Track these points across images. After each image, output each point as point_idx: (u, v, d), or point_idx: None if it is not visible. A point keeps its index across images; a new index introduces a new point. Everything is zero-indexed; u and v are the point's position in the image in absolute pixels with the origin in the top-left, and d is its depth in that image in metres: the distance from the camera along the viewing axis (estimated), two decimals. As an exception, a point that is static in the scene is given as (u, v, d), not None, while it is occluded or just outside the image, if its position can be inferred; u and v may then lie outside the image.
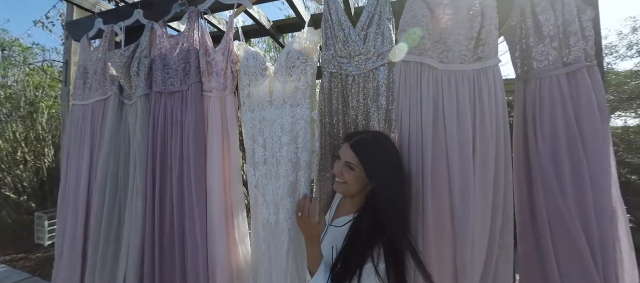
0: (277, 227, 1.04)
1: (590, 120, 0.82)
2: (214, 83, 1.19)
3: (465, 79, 0.88)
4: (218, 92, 1.19)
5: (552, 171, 0.83)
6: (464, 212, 0.79)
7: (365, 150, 0.80)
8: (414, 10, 0.94)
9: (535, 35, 0.90)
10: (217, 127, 1.16)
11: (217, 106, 1.18)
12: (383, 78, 1.01)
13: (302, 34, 1.08)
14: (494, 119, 0.83)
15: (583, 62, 0.85)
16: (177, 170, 1.17)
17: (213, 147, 1.15)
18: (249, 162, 1.15)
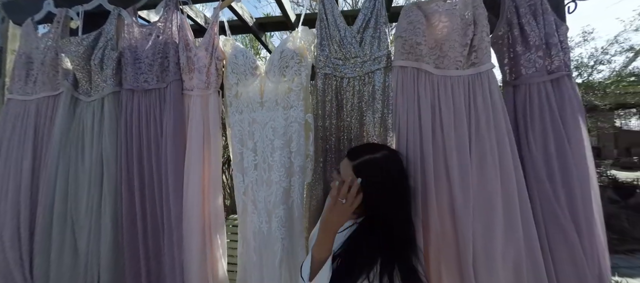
0: (270, 236, 0.97)
1: (573, 122, 0.89)
2: (196, 81, 1.07)
3: (460, 84, 0.90)
4: (200, 91, 1.08)
5: (544, 171, 0.88)
6: (465, 215, 0.80)
7: (365, 174, 0.72)
8: (410, 17, 0.93)
9: (522, 45, 0.95)
10: (198, 130, 1.05)
11: (198, 106, 1.07)
12: (379, 82, 0.99)
13: (297, 33, 1.02)
14: (491, 123, 0.86)
15: (564, 70, 0.92)
16: (156, 177, 1.03)
17: (192, 152, 1.03)
18: (237, 167, 1.05)
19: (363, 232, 0.73)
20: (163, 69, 1.12)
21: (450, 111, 0.88)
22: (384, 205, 0.72)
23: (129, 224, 1.04)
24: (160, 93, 1.11)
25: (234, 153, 1.07)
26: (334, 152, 1.08)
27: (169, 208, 1.00)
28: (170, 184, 0.99)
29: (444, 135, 0.86)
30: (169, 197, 1.00)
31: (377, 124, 0.99)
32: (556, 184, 0.87)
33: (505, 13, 0.98)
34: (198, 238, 0.99)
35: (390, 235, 0.69)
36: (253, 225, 1.01)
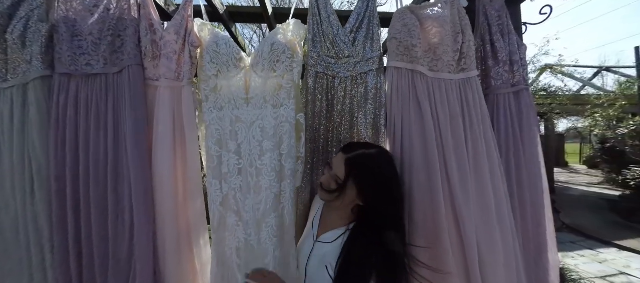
0: (260, 249, 0.87)
1: (528, 129, 1.04)
2: (163, 69, 0.90)
3: (453, 87, 0.96)
4: (169, 82, 0.90)
5: (504, 169, 1.00)
6: (467, 213, 0.84)
7: (360, 170, 0.73)
8: (405, 20, 0.96)
9: (492, 59, 1.07)
10: (166, 128, 0.88)
11: (167, 100, 0.89)
12: (372, 83, 0.99)
13: (288, 26, 0.95)
14: (481, 125, 0.93)
15: (523, 84, 1.07)
16: (111, 187, 0.82)
17: (161, 154, 0.86)
18: (212, 173, 0.91)
19: (355, 242, 0.71)
20: (114, 49, 0.89)
21: (446, 112, 0.93)
22: (375, 199, 0.72)
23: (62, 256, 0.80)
24: (109, 80, 0.88)
25: (208, 156, 0.93)
26: (322, 153, 1.04)
27: (130, 223, 0.80)
28: (135, 193, 0.80)
29: (442, 136, 0.90)
30: (130, 209, 0.80)
31: (369, 125, 0.98)
32: (512, 181, 1.00)
33: (479, 30, 1.09)
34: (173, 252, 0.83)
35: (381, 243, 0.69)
36: (237, 240, 0.89)
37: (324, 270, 0.73)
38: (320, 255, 0.77)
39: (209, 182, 0.92)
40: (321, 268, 0.74)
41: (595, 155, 7.92)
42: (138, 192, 0.81)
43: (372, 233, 0.70)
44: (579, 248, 3.58)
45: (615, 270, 2.95)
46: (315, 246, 0.80)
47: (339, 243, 0.75)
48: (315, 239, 0.82)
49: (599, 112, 5.27)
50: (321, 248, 0.78)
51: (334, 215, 0.82)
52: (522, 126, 1.05)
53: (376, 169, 0.75)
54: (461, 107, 0.96)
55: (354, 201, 0.76)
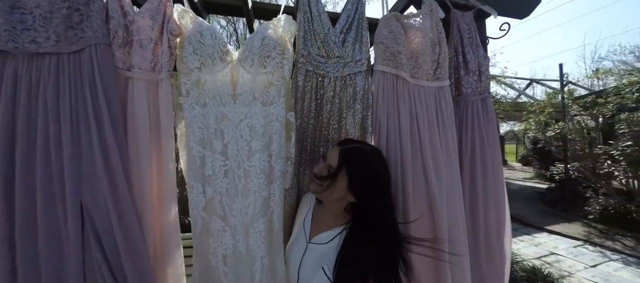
0: (248, 256, 0.83)
1: (492, 131, 1.17)
2: (137, 59, 0.79)
3: (431, 94, 1.03)
4: (143, 73, 0.80)
5: (471, 169, 1.11)
6: (441, 205, 0.92)
7: (354, 161, 0.75)
8: (391, 27, 1.00)
9: (464, 69, 1.18)
10: (145, 126, 0.78)
11: (142, 93, 0.79)
12: (360, 85, 1.01)
13: (278, 21, 0.91)
14: (450, 129, 1.02)
15: (487, 92, 1.19)
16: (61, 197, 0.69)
17: (140, 156, 0.76)
18: (193, 175, 0.84)
19: (352, 243, 0.72)
20: (71, 25, 0.75)
21: (425, 117, 1.00)
22: (365, 193, 0.74)
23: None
24: (62, 60, 0.74)
25: (189, 157, 0.85)
26: (309, 152, 1.03)
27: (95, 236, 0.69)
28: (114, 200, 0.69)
29: (421, 137, 0.97)
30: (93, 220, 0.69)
31: (357, 125, 1.00)
32: (477, 178, 1.13)
33: (452, 41, 1.19)
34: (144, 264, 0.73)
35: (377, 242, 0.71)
36: (223, 247, 0.83)
37: (320, 272, 0.72)
38: (314, 256, 0.76)
39: (189, 185, 0.84)
40: (317, 269, 0.73)
41: (528, 154, 9.29)
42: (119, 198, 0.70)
43: (367, 233, 0.72)
44: (519, 235, 4.16)
45: (546, 251, 3.50)
46: (309, 248, 0.79)
47: (335, 244, 0.75)
48: (308, 241, 0.80)
49: (532, 117, 6.16)
50: (315, 249, 0.77)
51: (327, 215, 0.81)
52: (488, 128, 1.18)
53: (367, 163, 0.76)
54: (436, 112, 1.04)
55: (345, 196, 0.76)
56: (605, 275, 2.87)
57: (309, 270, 0.76)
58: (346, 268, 0.69)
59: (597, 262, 3.16)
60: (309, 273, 0.75)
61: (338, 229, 0.77)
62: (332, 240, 0.76)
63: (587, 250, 3.51)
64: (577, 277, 2.77)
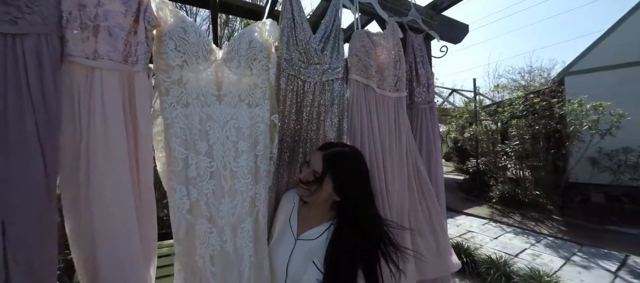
0: (236, 256, 0.84)
1: (436, 132, 1.43)
2: (105, 47, 0.71)
3: (391, 102, 1.21)
4: (115, 65, 0.72)
5: (421, 165, 1.35)
6: (393, 193, 1.10)
7: (336, 164, 0.80)
8: (363, 42, 1.13)
9: (416, 82, 1.41)
10: (119, 123, 0.71)
11: (115, 87, 0.71)
12: (337, 91, 1.11)
13: (264, 25, 0.94)
14: (405, 132, 1.22)
15: (433, 102, 1.46)
16: None
17: (115, 157, 0.69)
18: (175, 178, 0.80)
19: (340, 237, 0.79)
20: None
21: (386, 121, 1.17)
22: (350, 191, 0.81)
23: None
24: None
25: (171, 159, 0.80)
26: (289, 153, 1.08)
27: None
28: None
29: (382, 139, 1.13)
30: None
31: (334, 127, 1.10)
32: (428, 168, 1.38)
33: (408, 58, 1.41)
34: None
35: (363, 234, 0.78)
36: (210, 248, 0.81)
37: (311, 265, 0.78)
38: (303, 252, 0.81)
39: (170, 187, 0.80)
40: (307, 264, 0.79)
41: (450, 151, 11.10)
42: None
43: (354, 226, 0.79)
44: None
45: (464, 230, 4.32)
46: (297, 244, 0.84)
47: (324, 239, 0.81)
48: (296, 238, 0.85)
49: (454, 121, 7.43)
50: (304, 245, 0.83)
51: (314, 212, 0.87)
52: (433, 129, 1.44)
53: (349, 164, 0.83)
54: (395, 119, 1.23)
55: (331, 196, 0.82)
56: (504, 244, 3.73)
57: (298, 266, 0.80)
58: (337, 260, 0.76)
59: (498, 234, 4.07)
60: (299, 269, 0.80)
61: (326, 225, 0.84)
62: (321, 236, 0.82)
63: (491, 226, 4.48)
64: (486, 248, 3.53)
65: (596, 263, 3.11)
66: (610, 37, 5.51)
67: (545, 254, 3.38)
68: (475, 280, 2.78)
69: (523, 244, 3.70)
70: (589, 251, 3.46)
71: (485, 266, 2.79)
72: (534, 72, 9.92)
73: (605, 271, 2.94)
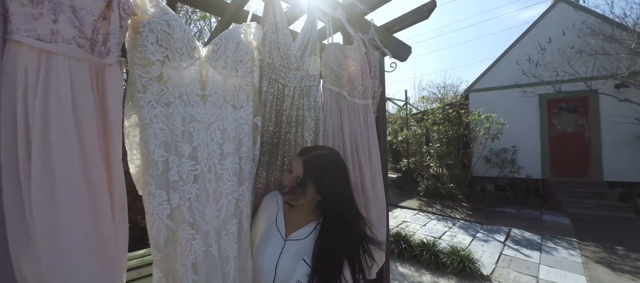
0: (221, 258, 0.82)
1: (378, 135, 1.67)
2: (68, 30, 0.60)
3: (360, 109, 1.36)
4: (83, 53, 0.63)
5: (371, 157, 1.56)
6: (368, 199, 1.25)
7: (316, 168, 0.85)
8: (335, 54, 1.25)
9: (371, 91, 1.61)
10: (92, 119, 0.62)
11: (85, 78, 0.62)
12: (313, 96, 1.19)
13: (249, 27, 0.94)
14: (374, 135, 1.39)
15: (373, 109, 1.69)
16: None
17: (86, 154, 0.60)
18: (154, 182, 0.74)
19: (327, 234, 0.84)
20: None
21: (356, 125, 1.31)
22: (332, 191, 0.85)
23: None
24: None
25: (149, 162, 0.72)
26: (267, 154, 1.10)
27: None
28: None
29: (355, 141, 1.27)
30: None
31: (311, 130, 1.18)
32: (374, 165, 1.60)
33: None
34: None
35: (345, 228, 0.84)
36: (193, 256, 0.76)
37: (301, 263, 0.82)
38: (293, 251, 0.85)
39: (149, 192, 0.73)
40: (297, 262, 0.82)
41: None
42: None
43: (339, 222, 0.84)
44: (384, 213, 5.63)
45: (401, 221, 4.97)
46: (286, 245, 0.87)
47: (312, 237, 0.85)
48: (285, 239, 0.88)
49: (390, 126, 8.44)
50: (293, 245, 0.86)
51: (300, 213, 0.91)
52: (377, 133, 1.67)
53: (328, 166, 0.87)
54: (363, 123, 1.39)
55: (315, 197, 0.86)
56: (430, 229, 4.47)
57: (288, 265, 0.83)
58: (325, 255, 0.81)
59: (426, 222, 4.84)
60: (289, 267, 0.82)
61: (313, 224, 0.88)
62: (309, 235, 0.86)
63: (420, 215, 5.29)
64: (418, 234, 4.16)
65: (492, 237, 4.07)
66: (496, 65, 7.27)
67: (459, 234, 4.21)
68: (412, 262, 3.25)
69: (444, 228, 4.51)
70: (487, 228, 4.48)
71: (419, 249, 3.30)
72: (448, 87, 12.19)
73: (498, 242, 3.88)
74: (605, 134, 5.89)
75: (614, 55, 5.25)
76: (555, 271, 3.03)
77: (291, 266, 0.83)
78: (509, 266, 3.17)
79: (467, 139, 6.74)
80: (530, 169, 6.40)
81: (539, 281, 2.84)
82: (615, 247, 3.63)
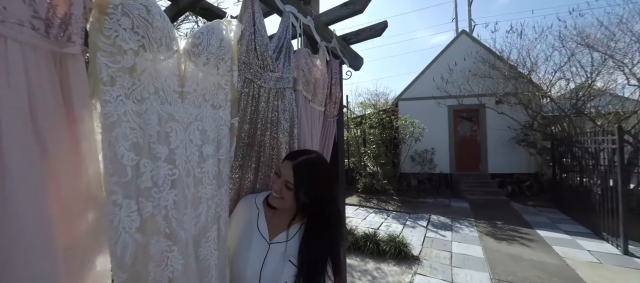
0: (199, 268, 0.77)
1: (336, 140, 1.82)
2: (23, 9, 0.48)
3: (320, 115, 1.46)
4: (42, 39, 0.50)
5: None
6: None
7: (307, 172, 0.86)
8: (306, 60, 1.30)
9: (329, 98, 1.73)
10: (48, 114, 0.50)
11: (43, 70, 0.49)
12: (288, 98, 1.21)
13: (229, 24, 0.90)
14: (331, 141, 1.50)
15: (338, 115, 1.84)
16: None
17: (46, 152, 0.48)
18: (120, 190, 0.63)
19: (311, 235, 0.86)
20: None
21: (317, 130, 1.40)
22: (320, 194, 0.88)
23: None
24: None
25: (115, 166, 0.61)
26: (240, 156, 1.07)
27: None
28: None
29: (314, 146, 1.36)
30: None
31: (287, 132, 1.19)
32: None
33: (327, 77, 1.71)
34: None
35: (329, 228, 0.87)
36: (169, 270, 0.68)
37: (288, 264, 0.82)
38: (278, 253, 0.85)
39: (113, 203, 0.62)
40: (282, 263, 0.83)
41: (328, 153, 13.17)
42: None
43: (322, 223, 0.87)
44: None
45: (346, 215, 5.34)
46: (271, 248, 0.86)
47: (297, 239, 0.87)
48: (269, 242, 0.88)
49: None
50: (278, 248, 0.86)
51: (284, 217, 0.91)
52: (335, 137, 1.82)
53: (318, 171, 0.89)
54: (322, 128, 1.50)
55: (302, 200, 0.85)
56: (370, 221, 4.98)
57: (274, 267, 0.83)
58: (311, 255, 0.83)
59: (365, 216, 5.36)
60: (274, 270, 0.82)
61: (297, 226, 0.89)
62: (294, 237, 0.88)
63: (361, 210, 5.81)
64: (359, 227, 4.56)
65: (417, 223, 4.83)
66: (418, 80, 8.66)
67: (393, 224, 4.83)
68: (358, 253, 3.57)
69: (380, 220, 5.09)
70: (413, 216, 5.29)
71: (363, 240, 3.64)
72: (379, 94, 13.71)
73: (422, 227, 4.64)
74: (489, 138, 7.79)
75: (495, 79, 7.00)
76: (462, 245, 3.86)
77: (277, 268, 0.83)
78: (431, 245, 3.85)
79: (397, 141, 7.77)
80: (442, 166, 7.86)
81: (453, 254, 3.55)
82: (496, 222, 4.86)
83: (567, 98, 6.19)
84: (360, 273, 3.08)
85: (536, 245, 3.82)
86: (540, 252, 3.59)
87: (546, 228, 4.49)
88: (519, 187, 7.17)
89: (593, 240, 3.95)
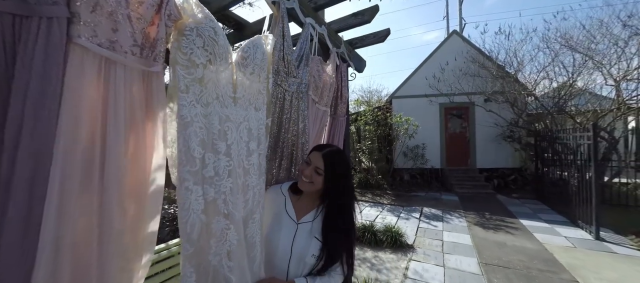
0: (248, 244, 0.93)
1: (346, 136, 2.00)
2: (127, 39, 0.62)
3: (325, 115, 1.62)
4: (138, 61, 0.64)
5: None
6: None
7: (333, 161, 1.02)
8: (318, 68, 1.46)
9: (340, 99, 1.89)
10: (135, 121, 0.64)
11: (138, 87, 0.64)
12: (304, 101, 1.37)
13: (267, 38, 1.05)
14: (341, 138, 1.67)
15: (348, 114, 2.01)
16: None
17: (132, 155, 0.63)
18: (192, 178, 0.78)
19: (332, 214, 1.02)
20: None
21: (321, 128, 1.56)
22: (343, 180, 1.04)
23: None
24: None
25: (187, 158, 0.76)
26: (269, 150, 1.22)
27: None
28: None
29: (316, 138, 1.53)
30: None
31: (302, 131, 1.35)
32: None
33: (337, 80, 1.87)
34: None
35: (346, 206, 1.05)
36: (228, 244, 0.84)
37: (314, 240, 1.00)
38: (306, 232, 1.02)
39: (185, 188, 0.77)
40: (310, 240, 1.00)
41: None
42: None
43: (341, 203, 1.04)
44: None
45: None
46: (299, 227, 1.03)
47: (320, 218, 1.04)
48: (297, 222, 1.04)
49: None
50: (305, 227, 1.03)
51: (308, 201, 1.08)
52: (345, 134, 1.99)
53: (344, 160, 1.07)
54: (327, 127, 1.67)
55: (328, 183, 1.02)
56: (366, 214, 5.22)
57: (301, 243, 1.00)
58: (332, 231, 1.01)
59: (362, 210, 5.59)
60: (303, 245, 0.99)
61: (319, 208, 1.06)
62: (316, 217, 1.05)
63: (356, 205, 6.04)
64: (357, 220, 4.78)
65: (411, 215, 5.11)
66: (412, 78, 8.92)
67: (388, 216, 5.08)
68: (357, 242, 3.78)
69: (376, 213, 5.33)
70: (407, 209, 5.57)
71: (361, 231, 3.86)
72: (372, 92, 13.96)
73: (415, 218, 4.91)
74: (478, 134, 8.16)
75: (484, 78, 7.33)
76: (452, 234, 4.14)
77: (306, 244, 1.00)
78: (424, 235, 4.12)
79: (391, 138, 8.03)
80: (433, 161, 8.19)
81: (444, 242, 3.83)
82: (484, 213, 5.19)
83: (550, 97, 6.58)
84: (360, 261, 3.30)
85: (519, 233, 4.15)
86: (523, 239, 3.91)
87: (528, 218, 4.84)
88: (505, 181, 7.59)
89: (569, 227, 4.32)
